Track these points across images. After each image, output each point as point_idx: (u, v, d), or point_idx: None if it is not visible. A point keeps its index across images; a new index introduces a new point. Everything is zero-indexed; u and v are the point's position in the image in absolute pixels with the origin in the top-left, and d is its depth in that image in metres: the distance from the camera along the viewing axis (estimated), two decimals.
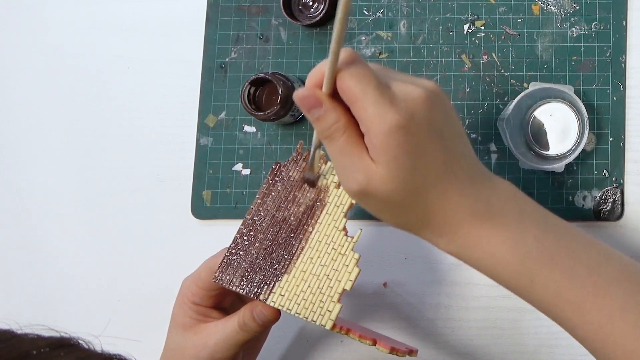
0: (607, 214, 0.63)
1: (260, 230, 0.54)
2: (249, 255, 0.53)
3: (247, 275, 0.52)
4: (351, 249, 0.51)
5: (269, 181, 0.55)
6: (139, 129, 0.70)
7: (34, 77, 0.71)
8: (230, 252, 0.54)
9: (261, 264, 0.53)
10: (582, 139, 0.61)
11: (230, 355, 0.53)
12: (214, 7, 0.69)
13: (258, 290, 0.52)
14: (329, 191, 0.53)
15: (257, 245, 0.53)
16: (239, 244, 0.54)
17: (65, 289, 0.68)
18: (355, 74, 0.41)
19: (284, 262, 0.52)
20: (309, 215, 0.53)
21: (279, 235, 0.53)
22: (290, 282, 0.51)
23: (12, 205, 0.70)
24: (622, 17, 0.65)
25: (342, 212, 0.52)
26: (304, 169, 0.54)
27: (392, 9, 0.67)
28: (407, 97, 0.42)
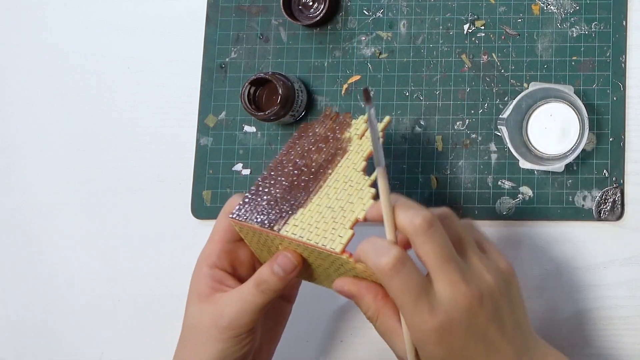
0: (607, 214, 0.63)
1: (282, 174, 0.54)
2: (268, 194, 0.53)
3: (263, 212, 0.52)
4: (368, 185, 0.51)
5: (295, 137, 0.56)
6: (139, 129, 0.70)
7: (34, 77, 0.71)
8: (250, 193, 0.54)
9: (278, 202, 0.53)
10: (582, 139, 0.61)
11: (248, 322, 0.51)
12: (214, 7, 0.69)
13: (272, 224, 0.51)
14: (352, 141, 0.54)
15: (277, 187, 0.54)
16: (260, 187, 0.54)
17: (64, 289, 0.68)
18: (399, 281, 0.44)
19: (301, 199, 0.53)
20: (329, 160, 0.54)
21: (299, 179, 0.54)
22: (305, 215, 0.51)
23: (11, 205, 0.70)
24: (622, 17, 0.65)
25: (362, 157, 0.53)
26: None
27: (392, 9, 0.67)
28: (450, 304, 0.44)
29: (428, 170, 0.65)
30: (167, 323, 0.67)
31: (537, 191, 0.64)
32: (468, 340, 0.44)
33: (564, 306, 0.63)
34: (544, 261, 0.63)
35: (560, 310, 0.63)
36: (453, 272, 0.44)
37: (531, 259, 0.64)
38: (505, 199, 0.64)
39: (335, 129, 0.56)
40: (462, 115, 0.65)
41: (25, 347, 0.68)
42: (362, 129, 0.55)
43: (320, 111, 0.67)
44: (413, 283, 0.43)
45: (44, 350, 0.68)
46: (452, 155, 0.65)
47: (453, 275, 0.44)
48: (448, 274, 0.44)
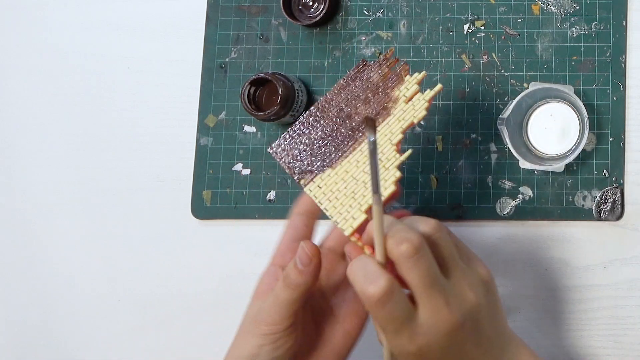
0: (607, 214, 0.63)
1: (326, 117, 0.54)
2: (307, 138, 0.54)
3: (297, 157, 0.53)
4: (395, 166, 0.51)
5: (350, 75, 0.55)
6: (139, 129, 0.70)
7: (34, 77, 0.71)
8: (294, 128, 0.54)
9: (313, 151, 0.53)
10: (582, 139, 0.61)
11: (280, 319, 0.50)
12: (214, 7, 0.69)
13: (300, 176, 0.52)
14: (397, 103, 0.53)
15: (317, 131, 0.54)
16: (304, 124, 0.54)
17: (64, 289, 0.68)
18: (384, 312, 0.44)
19: (333, 157, 0.53)
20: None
21: (339, 130, 0.54)
22: (331, 177, 0.52)
23: (11, 205, 0.70)
24: (622, 17, 0.65)
25: (401, 127, 0.52)
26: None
27: (392, 9, 0.67)
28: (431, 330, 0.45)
29: (428, 170, 0.65)
30: (167, 323, 0.67)
31: (537, 191, 0.64)
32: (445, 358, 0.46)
33: (563, 306, 0.63)
34: (544, 261, 0.63)
35: (560, 310, 0.63)
36: (437, 298, 0.45)
37: (531, 259, 0.64)
38: (505, 199, 0.64)
39: (387, 80, 0.54)
40: (462, 115, 0.65)
41: (25, 347, 0.68)
42: (412, 90, 0.53)
43: None
44: (397, 314, 0.44)
45: (44, 350, 0.68)
46: (452, 155, 0.65)
47: (437, 301, 0.45)
48: (432, 300, 0.45)
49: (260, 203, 0.66)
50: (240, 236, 0.67)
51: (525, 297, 0.63)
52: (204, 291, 0.67)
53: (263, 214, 0.66)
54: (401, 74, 0.54)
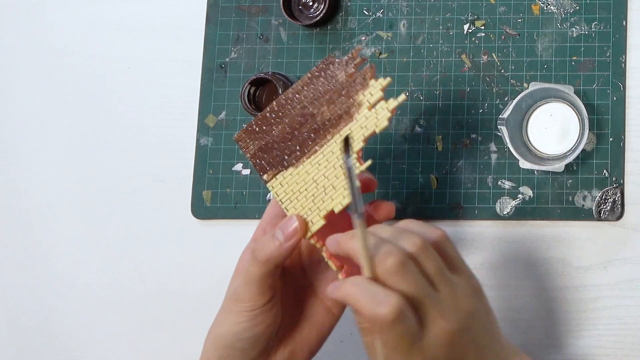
0: (607, 214, 0.63)
1: (288, 115, 0.54)
2: (270, 133, 0.54)
3: (261, 149, 0.53)
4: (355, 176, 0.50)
5: (314, 72, 0.54)
6: (139, 129, 0.70)
7: (34, 77, 0.71)
8: (257, 120, 0.54)
9: (276, 146, 0.53)
10: (582, 139, 0.61)
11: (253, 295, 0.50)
12: (214, 7, 0.69)
13: (263, 170, 0.53)
14: (361, 108, 0.52)
15: (280, 127, 0.54)
16: (267, 118, 0.54)
17: (64, 289, 0.68)
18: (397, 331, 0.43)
19: (295, 155, 0.53)
20: (334, 123, 0.53)
21: (302, 129, 0.53)
22: (292, 176, 0.52)
23: (11, 205, 0.70)
24: (622, 17, 0.65)
25: (363, 135, 0.52)
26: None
27: (392, 9, 0.67)
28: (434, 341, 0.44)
29: (428, 170, 0.65)
30: (167, 323, 0.67)
31: (537, 191, 0.64)
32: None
33: (563, 306, 0.63)
34: (544, 261, 0.63)
35: (560, 310, 0.63)
36: (430, 310, 0.44)
37: (531, 259, 0.64)
38: (505, 199, 0.64)
39: (352, 81, 0.53)
40: (462, 115, 0.65)
41: (25, 347, 0.68)
42: (376, 97, 0.52)
43: None
44: (410, 332, 0.43)
45: (44, 350, 0.68)
46: (452, 155, 0.65)
47: (430, 313, 0.44)
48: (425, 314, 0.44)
49: (260, 203, 0.66)
50: (240, 236, 0.67)
51: (525, 297, 0.63)
52: (204, 291, 0.67)
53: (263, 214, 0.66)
54: (366, 76, 0.53)
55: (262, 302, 0.50)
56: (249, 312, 0.50)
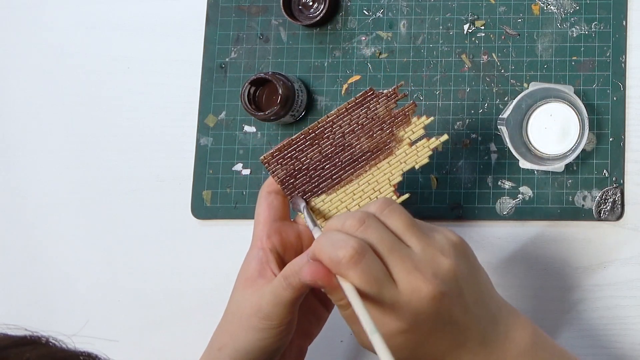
0: (607, 214, 0.63)
1: (325, 140, 0.54)
2: (303, 156, 0.54)
3: (291, 175, 0.53)
4: None
5: (355, 101, 0.54)
6: (138, 129, 0.70)
7: (34, 77, 0.71)
8: (290, 143, 0.54)
9: (308, 172, 0.54)
10: (582, 139, 0.61)
11: (284, 316, 0.49)
12: (214, 7, 0.69)
13: (294, 193, 0.53)
14: (401, 144, 0.54)
15: (313, 154, 0.54)
16: (299, 143, 0.54)
17: (64, 289, 0.68)
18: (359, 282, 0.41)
19: (330, 183, 0.54)
20: (373, 155, 0.54)
21: (338, 157, 0.54)
22: (325, 203, 0.53)
23: (11, 205, 0.70)
24: (622, 17, 0.65)
25: (402, 169, 0.53)
26: None
27: (392, 9, 0.67)
28: (413, 298, 0.42)
29: (428, 170, 0.65)
30: (167, 323, 0.67)
31: (537, 191, 0.64)
32: (435, 330, 0.43)
33: (563, 306, 0.63)
34: (544, 261, 0.63)
35: (560, 310, 0.63)
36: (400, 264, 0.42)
37: (531, 259, 0.64)
38: (505, 199, 0.64)
39: (394, 117, 0.54)
40: (462, 115, 0.65)
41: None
42: (417, 134, 0.54)
43: (320, 111, 0.67)
44: (374, 274, 0.41)
45: None
46: (452, 155, 0.65)
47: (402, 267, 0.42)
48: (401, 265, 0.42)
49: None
50: (240, 236, 0.67)
51: (525, 297, 0.63)
52: (204, 291, 0.67)
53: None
54: (408, 113, 0.54)
55: (289, 319, 0.50)
56: (276, 329, 0.50)
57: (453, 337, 0.44)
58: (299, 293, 0.48)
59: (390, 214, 0.45)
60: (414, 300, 0.42)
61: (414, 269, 0.42)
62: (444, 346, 0.44)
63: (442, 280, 0.43)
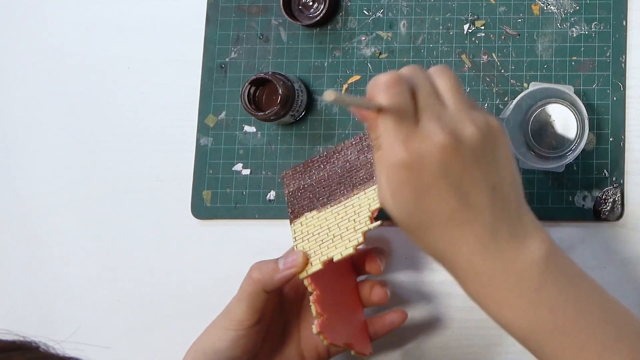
0: (607, 214, 0.63)
1: (334, 162, 0.58)
2: (312, 176, 0.58)
3: (299, 189, 0.58)
4: (362, 232, 0.52)
5: (362, 136, 0.59)
6: (138, 129, 0.70)
7: (34, 77, 0.71)
8: (307, 163, 0.59)
9: (311, 189, 0.57)
10: (582, 139, 0.61)
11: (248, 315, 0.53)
12: (214, 7, 0.69)
13: (292, 207, 0.58)
14: None
15: (321, 173, 0.58)
16: (315, 163, 0.59)
17: (64, 289, 0.68)
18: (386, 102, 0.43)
19: (322, 201, 0.56)
20: (364, 182, 0.56)
21: (338, 179, 0.57)
22: (313, 219, 0.56)
23: (10, 205, 0.70)
24: (622, 17, 0.65)
25: None
26: None
27: (392, 9, 0.67)
28: (426, 139, 0.42)
29: None
30: (167, 323, 0.67)
31: (537, 191, 0.64)
32: (438, 182, 0.42)
33: None
34: None
35: None
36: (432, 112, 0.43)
37: None
38: None
39: None
40: None
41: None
42: None
43: (320, 111, 0.67)
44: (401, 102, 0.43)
45: None
46: None
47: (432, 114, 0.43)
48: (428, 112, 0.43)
49: (260, 203, 0.66)
50: (240, 236, 0.67)
51: None
52: (204, 291, 0.67)
53: (263, 214, 0.66)
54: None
55: (248, 323, 0.53)
56: (234, 331, 0.53)
57: (459, 207, 0.43)
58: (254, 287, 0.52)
59: (441, 74, 0.46)
60: (425, 142, 0.42)
61: (437, 119, 0.43)
62: (449, 210, 0.42)
63: (458, 139, 0.42)
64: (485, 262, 0.43)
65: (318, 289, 0.52)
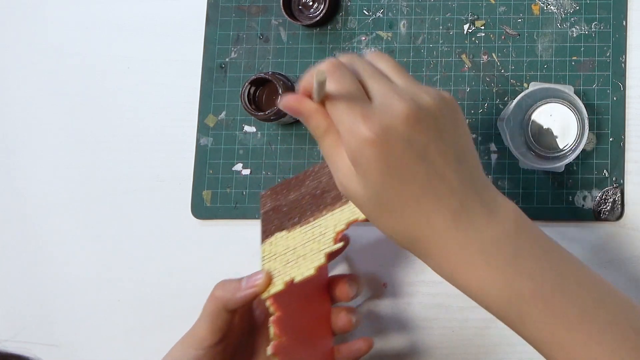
0: (607, 214, 0.63)
1: (308, 185, 0.57)
2: (287, 197, 0.58)
3: (274, 209, 0.57)
4: (325, 253, 0.51)
5: None
6: (139, 129, 0.70)
7: (34, 77, 0.71)
8: (283, 183, 0.59)
9: (285, 209, 0.57)
10: (582, 139, 0.61)
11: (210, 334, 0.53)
12: (214, 7, 0.69)
13: (264, 227, 0.57)
14: None
15: (296, 194, 0.57)
16: (291, 183, 0.58)
17: (64, 289, 0.68)
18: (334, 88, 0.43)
19: (293, 221, 0.55)
20: (333, 202, 0.55)
21: (309, 200, 0.56)
22: (282, 239, 0.54)
23: (10, 205, 0.70)
24: (622, 17, 0.65)
25: (348, 219, 0.53)
26: None
27: (392, 9, 0.67)
28: (386, 113, 0.42)
29: None
30: (167, 323, 0.67)
31: (537, 191, 0.64)
32: (406, 156, 0.42)
33: None
34: None
35: None
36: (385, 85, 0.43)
37: None
38: None
39: None
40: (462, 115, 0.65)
41: (25, 348, 0.68)
42: None
43: None
44: (347, 84, 0.43)
45: (44, 351, 0.68)
46: None
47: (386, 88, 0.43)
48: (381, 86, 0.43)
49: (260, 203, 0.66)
50: (240, 236, 0.67)
51: None
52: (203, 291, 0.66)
53: None
54: None
55: (209, 343, 0.52)
56: (195, 350, 0.53)
57: (429, 179, 0.42)
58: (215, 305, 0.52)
59: (380, 57, 0.47)
60: (387, 115, 0.42)
61: (393, 92, 0.43)
62: (419, 182, 0.42)
63: (419, 106, 0.42)
64: (461, 234, 0.43)
65: (280, 311, 0.50)
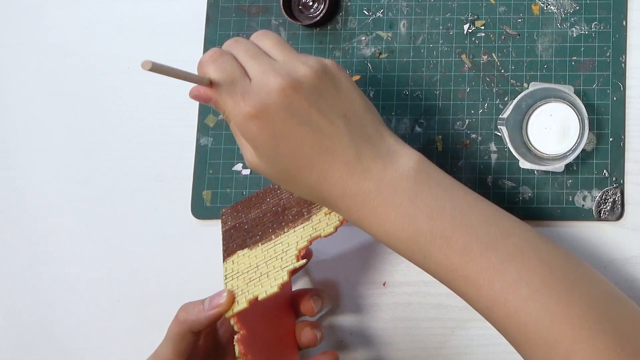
0: (607, 214, 0.63)
1: (268, 203, 0.57)
2: (247, 215, 0.57)
3: (234, 227, 0.57)
4: (288, 270, 0.51)
5: None
6: (139, 129, 0.70)
7: (34, 77, 0.71)
8: (244, 201, 0.59)
9: (246, 227, 0.56)
10: (582, 139, 0.61)
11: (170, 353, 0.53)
12: (214, 7, 0.69)
13: (225, 245, 0.56)
14: (320, 211, 0.55)
15: (257, 211, 0.57)
16: (251, 201, 0.59)
17: (64, 289, 0.68)
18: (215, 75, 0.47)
19: (255, 239, 0.55)
20: (295, 218, 0.55)
21: (270, 217, 0.56)
22: (244, 257, 0.54)
23: (10, 205, 0.70)
24: (622, 17, 0.65)
25: (310, 236, 0.53)
26: None
27: (392, 9, 0.67)
28: (262, 89, 0.46)
29: None
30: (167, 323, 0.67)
31: (537, 191, 0.64)
32: (289, 123, 0.46)
33: None
34: None
35: None
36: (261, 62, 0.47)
37: None
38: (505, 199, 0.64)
39: None
40: (462, 115, 0.65)
41: (25, 348, 0.68)
42: None
43: None
44: (229, 69, 0.47)
45: (44, 351, 0.68)
46: (452, 155, 0.65)
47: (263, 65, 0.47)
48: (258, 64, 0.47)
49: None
50: None
51: None
52: (204, 291, 0.67)
53: None
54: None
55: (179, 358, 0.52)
56: None
57: (317, 139, 0.46)
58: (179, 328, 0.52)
59: (263, 36, 0.51)
60: (263, 91, 0.46)
61: (270, 69, 0.47)
62: (308, 145, 0.46)
63: (294, 79, 0.46)
64: (358, 184, 0.46)
65: (245, 329, 0.50)
